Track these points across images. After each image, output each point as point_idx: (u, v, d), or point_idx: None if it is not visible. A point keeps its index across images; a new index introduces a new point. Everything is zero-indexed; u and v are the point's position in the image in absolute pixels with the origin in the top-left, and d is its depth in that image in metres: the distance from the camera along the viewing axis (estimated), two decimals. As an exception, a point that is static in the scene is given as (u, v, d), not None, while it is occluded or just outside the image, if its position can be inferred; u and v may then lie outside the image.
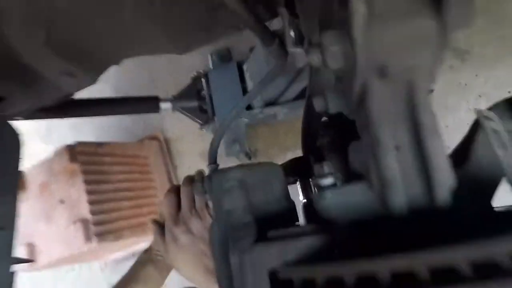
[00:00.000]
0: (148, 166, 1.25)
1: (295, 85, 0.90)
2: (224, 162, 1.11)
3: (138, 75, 1.45)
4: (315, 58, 0.23)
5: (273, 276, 0.25)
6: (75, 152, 0.96)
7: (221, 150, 1.07)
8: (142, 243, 1.15)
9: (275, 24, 0.48)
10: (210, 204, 0.45)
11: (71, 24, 0.40)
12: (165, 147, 1.35)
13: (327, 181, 0.29)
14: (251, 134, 1.20)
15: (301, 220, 0.36)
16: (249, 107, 1.04)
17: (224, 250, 0.30)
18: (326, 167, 0.30)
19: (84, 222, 0.92)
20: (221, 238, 0.30)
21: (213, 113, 1.09)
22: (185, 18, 0.46)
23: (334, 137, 0.38)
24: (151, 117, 1.39)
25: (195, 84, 1.12)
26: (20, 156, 0.51)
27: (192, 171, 0.69)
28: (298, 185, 0.46)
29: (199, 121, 1.10)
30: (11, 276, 0.44)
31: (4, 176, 0.48)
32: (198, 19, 0.47)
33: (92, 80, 0.53)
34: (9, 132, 0.51)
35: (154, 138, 1.34)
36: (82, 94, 0.65)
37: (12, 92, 0.48)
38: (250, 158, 1.16)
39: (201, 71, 1.13)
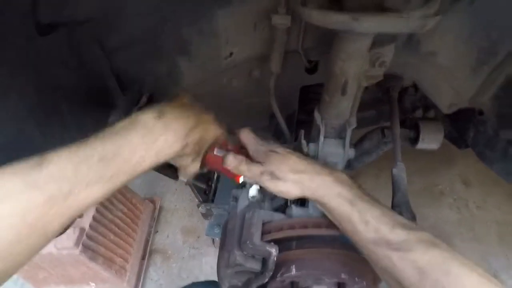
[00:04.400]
0: (139, 220, 1.47)
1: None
2: (205, 240, 1.36)
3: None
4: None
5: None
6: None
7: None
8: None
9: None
10: None
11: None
12: (157, 213, 1.59)
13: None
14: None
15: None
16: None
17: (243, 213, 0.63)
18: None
19: (81, 230, 1.11)
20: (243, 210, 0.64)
21: (213, 200, 1.43)
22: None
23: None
24: (156, 184, 1.71)
25: (208, 174, 1.52)
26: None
27: (169, 241, 0.83)
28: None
29: (200, 199, 1.43)
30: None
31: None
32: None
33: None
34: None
35: (152, 201, 1.61)
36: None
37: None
38: (222, 245, 1.41)
39: (217, 168, 1.54)
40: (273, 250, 0.57)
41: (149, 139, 0.44)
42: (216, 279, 0.65)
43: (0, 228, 0.32)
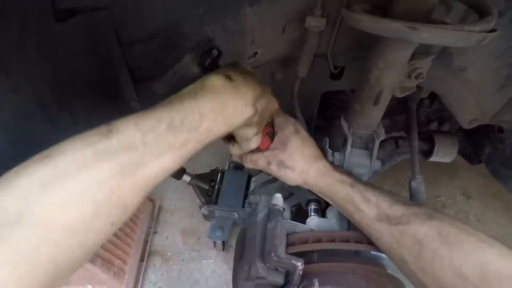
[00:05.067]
0: (138, 220, 1.42)
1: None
2: (206, 243, 1.32)
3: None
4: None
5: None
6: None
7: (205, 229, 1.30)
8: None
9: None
10: None
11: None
12: (156, 213, 1.54)
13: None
14: (234, 232, 1.44)
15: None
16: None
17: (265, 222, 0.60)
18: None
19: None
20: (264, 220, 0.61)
21: (216, 201, 1.39)
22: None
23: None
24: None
25: (212, 174, 1.47)
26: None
27: (168, 243, 0.74)
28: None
29: (203, 200, 1.38)
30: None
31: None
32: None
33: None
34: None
35: (152, 200, 1.56)
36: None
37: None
38: (223, 249, 1.37)
39: (220, 168, 1.50)
40: (299, 264, 0.54)
41: (218, 105, 0.42)
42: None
43: (81, 201, 0.30)
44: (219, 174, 1.47)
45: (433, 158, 1.00)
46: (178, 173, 1.37)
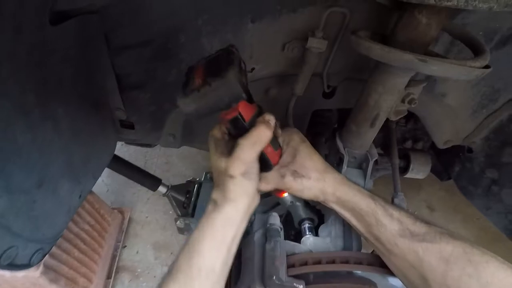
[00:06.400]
0: (106, 233, 1.32)
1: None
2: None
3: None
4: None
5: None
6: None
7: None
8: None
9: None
10: None
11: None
12: (125, 225, 1.45)
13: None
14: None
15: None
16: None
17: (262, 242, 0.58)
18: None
19: (44, 247, 0.96)
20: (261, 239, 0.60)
21: (192, 214, 1.34)
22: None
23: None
24: (126, 192, 1.56)
25: (188, 186, 1.42)
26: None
27: (139, 258, 0.71)
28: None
29: (179, 213, 1.33)
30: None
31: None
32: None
33: (178, 145, 0.88)
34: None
35: (121, 212, 1.46)
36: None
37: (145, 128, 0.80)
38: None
39: (197, 179, 1.46)
40: (301, 286, 0.54)
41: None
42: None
43: None
44: (196, 185, 1.43)
45: (408, 175, 1.06)
46: (154, 184, 1.30)
